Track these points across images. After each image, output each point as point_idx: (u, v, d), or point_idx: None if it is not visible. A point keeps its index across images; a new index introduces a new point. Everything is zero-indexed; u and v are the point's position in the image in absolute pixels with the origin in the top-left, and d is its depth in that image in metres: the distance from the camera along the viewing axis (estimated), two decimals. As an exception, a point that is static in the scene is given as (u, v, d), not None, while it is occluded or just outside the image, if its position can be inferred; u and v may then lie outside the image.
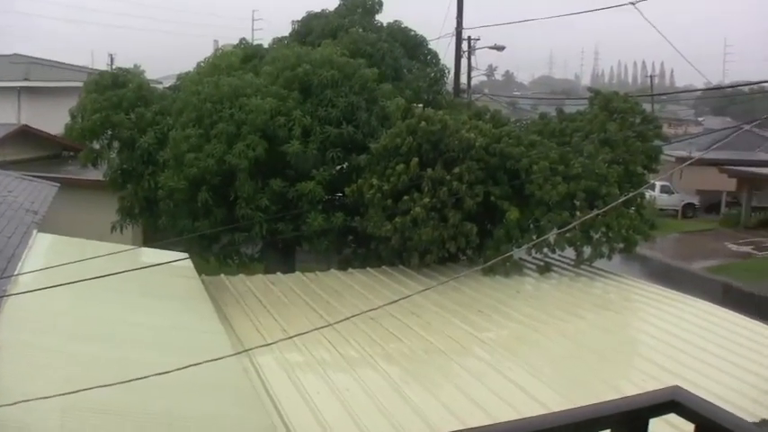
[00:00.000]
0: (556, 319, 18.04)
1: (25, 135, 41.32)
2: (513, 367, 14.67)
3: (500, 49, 47.62)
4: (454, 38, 39.37)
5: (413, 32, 29.19)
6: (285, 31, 30.78)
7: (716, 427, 3.07)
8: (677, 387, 3.36)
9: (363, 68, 24.40)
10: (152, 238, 27.78)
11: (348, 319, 14.31)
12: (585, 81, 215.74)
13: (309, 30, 29.11)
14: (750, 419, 12.34)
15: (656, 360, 15.11)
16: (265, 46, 29.87)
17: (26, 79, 52.49)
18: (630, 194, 21.33)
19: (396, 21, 29.53)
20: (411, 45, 28.57)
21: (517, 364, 14.92)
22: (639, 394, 3.51)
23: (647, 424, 3.28)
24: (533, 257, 23.19)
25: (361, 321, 15.93)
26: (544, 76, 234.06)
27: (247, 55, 27.33)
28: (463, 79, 42.31)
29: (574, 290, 20.86)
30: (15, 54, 61.95)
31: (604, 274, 22.20)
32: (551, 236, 21.41)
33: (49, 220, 21.95)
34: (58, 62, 62.14)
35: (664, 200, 58.37)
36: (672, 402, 3.26)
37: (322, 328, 14.46)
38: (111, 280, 12.46)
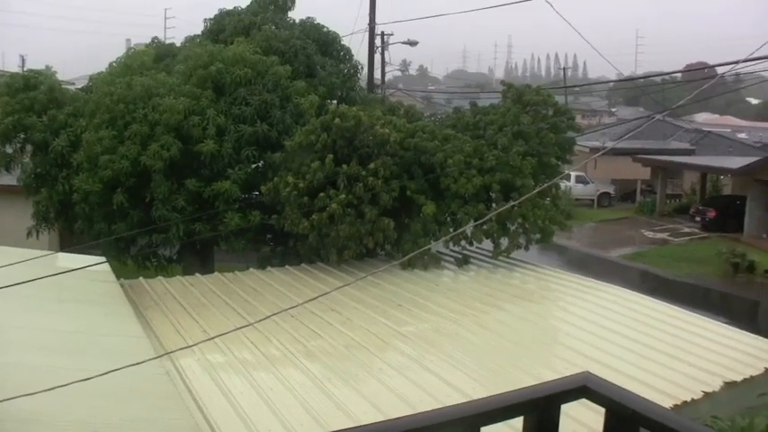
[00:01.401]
0: (475, 311, 18.20)
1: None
2: (435, 360, 14.80)
3: (413, 44, 47.85)
4: (367, 33, 39.50)
5: (325, 29, 29.20)
6: (198, 29, 30.61)
7: (624, 410, 3.16)
8: (588, 373, 3.45)
9: (276, 66, 24.39)
10: (69, 242, 27.51)
11: (268, 317, 14.27)
12: (499, 74, 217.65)
13: (222, 27, 28.94)
14: (670, 402, 12.64)
15: (576, 347, 15.39)
16: (178, 45, 29.67)
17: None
18: (545, 185, 21.57)
19: (308, 17, 29.54)
20: (324, 42, 28.56)
21: (439, 356, 15.03)
22: (551, 381, 3.60)
23: (558, 409, 3.36)
24: (451, 250, 23.40)
25: (282, 320, 15.95)
26: (458, 69, 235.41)
27: (160, 54, 27.16)
28: (377, 75, 42.45)
29: (492, 281, 21.07)
30: None
31: (522, 264, 22.50)
32: (468, 228, 21.59)
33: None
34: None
35: (579, 190, 59.14)
36: (583, 388, 3.34)
37: (242, 327, 14.42)
38: (27, 287, 12.31)
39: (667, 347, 15.36)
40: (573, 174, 54.52)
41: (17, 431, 9.71)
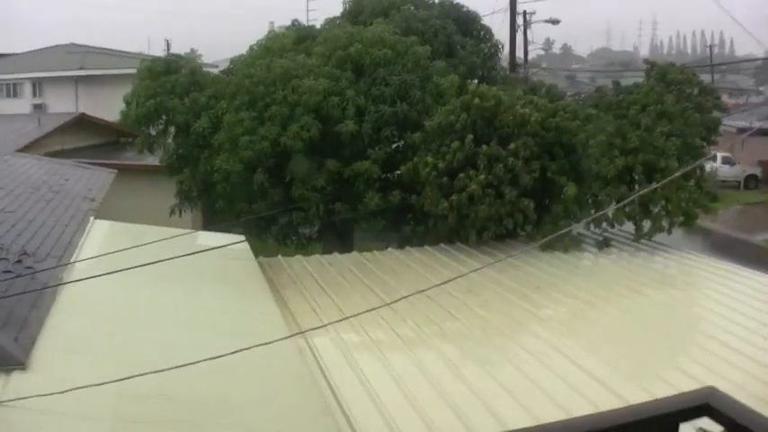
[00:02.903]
0: (615, 296, 17.83)
1: (83, 123, 41.69)
2: (572, 346, 14.48)
3: (555, 22, 47.23)
4: (509, 12, 39.10)
5: (465, 8, 28.91)
6: (337, 11, 30.66)
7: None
8: (712, 389, 3.22)
9: (416, 46, 24.28)
10: (210, 220, 27.89)
11: (405, 298, 14.16)
12: (644, 52, 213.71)
13: (361, 9, 28.93)
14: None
15: (719, 337, 14.81)
16: (318, 27, 29.78)
17: (82, 68, 52.99)
18: (689, 167, 20.97)
19: (447, -3, 29.30)
20: (464, 21, 28.29)
21: (576, 342, 14.74)
22: (669, 397, 3.37)
23: (677, 428, 3.14)
24: (592, 232, 22.95)
25: (418, 300, 15.80)
26: (602, 48, 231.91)
27: (299, 36, 27.26)
28: (520, 54, 42.00)
29: (633, 265, 20.60)
30: (71, 44, 62.59)
31: (664, 248, 21.91)
32: (610, 210, 21.13)
33: (108, 206, 22.15)
34: (114, 50, 62.57)
35: (725, 171, 57.53)
36: (705, 406, 3.11)
37: (378, 308, 14.35)
38: (167, 265, 12.48)
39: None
40: (719, 155, 53.07)
41: (148, 408, 9.84)
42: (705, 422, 3.16)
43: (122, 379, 9.26)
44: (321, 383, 12.55)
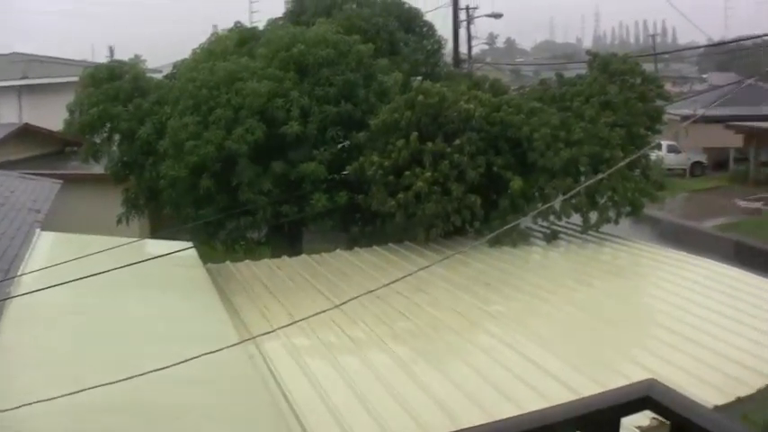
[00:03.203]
0: (566, 289, 17.89)
1: (27, 134, 41.25)
2: (524, 341, 14.49)
3: (498, 16, 47.41)
4: (451, 7, 39.17)
5: (407, 5, 28.99)
6: (280, 11, 30.61)
7: (690, 425, 2.91)
8: (652, 381, 3.19)
9: (359, 45, 24.22)
10: (158, 228, 27.75)
11: (354, 299, 14.07)
12: (587, 44, 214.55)
13: (303, 9, 28.95)
14: (762, 382, 12.20)
15: (669, 325, 14.92)
16: (260, 28, 29.68)
17: (25, 77, 52.43)
18: (634, 156, 21.08)
19: (389, -6, 29.29)
20: (406, 18, 28.36)
21: (528, 337, 14.74)
22: (610, 390, 3.35)
23: (618, 423, 3.12)
24: (540, 226, 23.00)
25: (369, 302, 15.76)
26: (546, 41, 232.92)
27: (242, 38, 27.11)
28: (464, 49, 42.09)
29: (582, 257, 20.70)
30: (14, 53, 61.92)
31: (613, 239, 22.02)
32: (557, 203, 21.20)
33: (55, 217, 21.93)
34: (58, 58, 61.93)
35: (671, 159, 57.88)
36: (645, 398, 3.09)
37: (327, 310, 14.23)
38: (115, 275, 12.37)
39: (762, 323, 14.83)
40: (664, 143, 53.38)
41: (102, 420, 9.75)
42: (646, 415, 3.14)
43: (74, 392, 9.15)
44: (273, 389, 12.49)
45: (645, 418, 9.25)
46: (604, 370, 12.93)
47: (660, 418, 3.08)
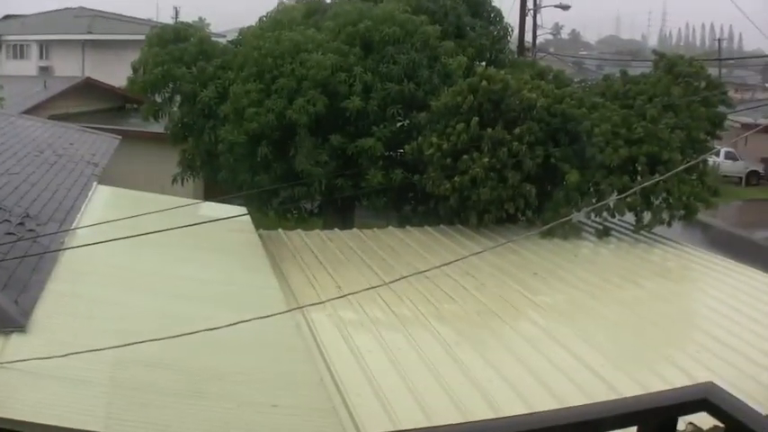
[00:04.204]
0: (613, 286, 17.84)
1: (89, 87, 41.79)
2: (567, 333, 14.53)
3: (566, 8, 47.09)
4: (519, -6, 39.00)
5: (476, -11, 28.82)
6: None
7: (745, 430, 2.97)
8: (710, 384, 3.26)
9: (425, 25, 24.22)
10: (212, 190, 27.96)
11: (404, 278, 14.23)
12: (652, 42, 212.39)
13: (372, -15, 28.87)
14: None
15: (712, 332, 14.86)
16: (328, 1, 29.71)
17: (89, 32, 53.02)
18: (694, 162, 20.97)
19: (459, -22, 29.17)
20: (474, 2, 28.15)
21: (571, 330, 14.75)
22: (669, 390, 3.41)
23: (675, 422, 3.18)
24: (592, 221, 22.91)
25: (416, 281, 15.83)
26: (611, 35, 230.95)
27: (310, 10, 27.19)
28: (528, 38, 41.91)
29: (632, 256, 20.59)
30: (80, 7, 62.55)
31: (664, 241, 21.88)
32: (611, 201, 21.12)
33: (111, 172, 22.20)
34: (122, 15, 62.51)
35: (728, 166, 57.44)
36: (703, 401, 3.15)
37: (377, 287, 14.35)
38: (169, 234, 12.52)
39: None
40: (722, 150, 52.97)
41: (144, 375, 9.91)
42: (702, 417, 3.20)
43: (121, 346, 9.34)
44: (317, 358, 12.62)
45: (700, 419, 9.31)
46: (645, 370, 12.92)
47: (716, 422, 3.14)
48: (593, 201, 21.59)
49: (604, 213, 22.07)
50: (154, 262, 14.42)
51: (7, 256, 12.05)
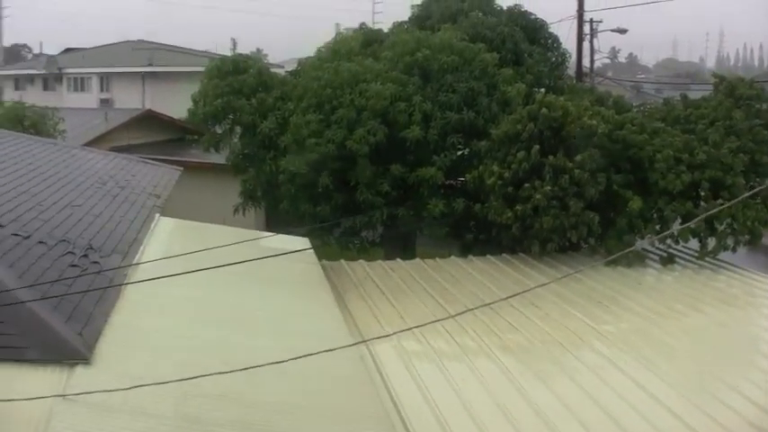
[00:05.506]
0: (677, 314, 17.70)
1: (149, 119, 42.32)
2: (632, 362, 14.48)
3: (623, 32, 46.75)
4: (576, 21, 38.92)
5: (533, 16, 28.78)
6: (405, 15, 30.65)
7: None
8: None
9: (483, 53, 24.24)
10: (274, 220, 28.11)
11: (469, 310, 14.21)
12: (710, 64, 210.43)
13: (429, 14, 28.92)
14: None
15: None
16: (385, 30, 29.81)
17: (150, 65, 53.63)
18: (761, 188, 20.75)
19: (516, 4, 29.13)
20: (531, 29, 28.14)
21: (635, 358, 14.68)
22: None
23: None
24: (656, 248, 22.71)
25: (480, 311, 15.79)
26: (668, 58, 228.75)
27: (367, 40, 27.28)
28: (585, 63, 41.73)
29: (696, 283, 20.37)
30: (139, 40, 63.43)
31: (729, 267, 21.61)
32: (676, 229, 20.92)
33: (173, 203, 22.38)
34: (181, 47, 63.26)
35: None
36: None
37: (442, 320, 14.38)
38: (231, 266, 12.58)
39: None
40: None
41: (210, 408, 9.96)
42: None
43: (186, 379, 9.41)
44: (382, 392, 12.64)
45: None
46: (711, 399, 12.84)
47: None
48: (657, 227, 21.38)
49: (668, 240, 21.87)
50: (217, 293, 14.48)
51: (71, 289, 12.19)
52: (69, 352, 10.29)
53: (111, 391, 9.12)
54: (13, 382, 9.44)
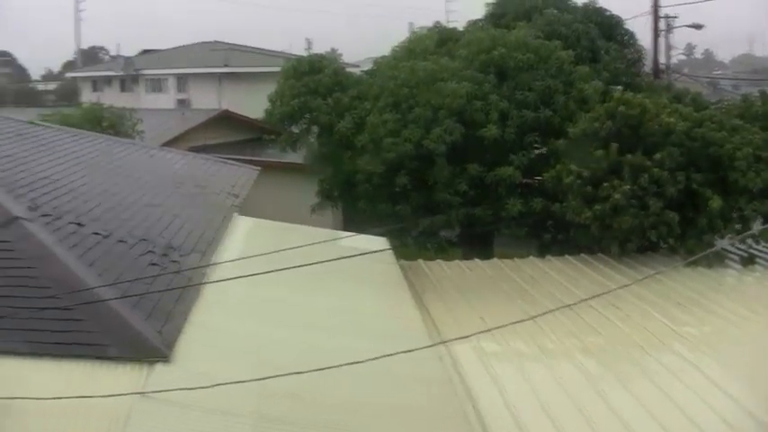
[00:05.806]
0: (758, 316, 17.35)
1: (226, 119, 42.77)
2: (714, 365, 14.30)
3: (699, 27, 46.19)
4: (651, 17, 38.54)
5: (608, 12, 28.55)
6: (479, 13, 30.55)
7: None
8: None
9: (559, 51, 24.14)
10: (351, 220, 28.18)
11: (549, 312, 14.16)
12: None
13: (503, 12, 28.81)
14: None
15: None
16: (460, 29, 29.74)
17: (226, 65, 54.13)
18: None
19: (590, 1, 28.90)
20: (607, 25, 27.92)
21: (717, 361, 14.54)
22: None
23: None
24: (736, 248, 22.38)
25: (559, 312, 15.70)
26: (744, 54, 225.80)
27: (442, 38, 27.24)
28: (661, 59, 41.29)
29: (779, 284, 20.11)
30: (215, 41, 63.99)
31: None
32: (757, 229, 20.62)
33: (250, 202, 22.57)
34: (255, 48, 63.64)
35: None
36: None
37: (522, 321, 14.31)
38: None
39: None
40: None
41: (289, 408, 10.04)
42: None
43: (264, 378, 9.50)
44: (461, 393, 12.65)
45: None
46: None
47: None
48: (737, 227, 21.07)
49: (749, 240, 21.56)
50: (295, 293, 14.57)
51: (151, 287, 12.37)
52: (149, 350, 10.53)
53: (190, 389, 9.26)
54: (94, 379, 9.70)
